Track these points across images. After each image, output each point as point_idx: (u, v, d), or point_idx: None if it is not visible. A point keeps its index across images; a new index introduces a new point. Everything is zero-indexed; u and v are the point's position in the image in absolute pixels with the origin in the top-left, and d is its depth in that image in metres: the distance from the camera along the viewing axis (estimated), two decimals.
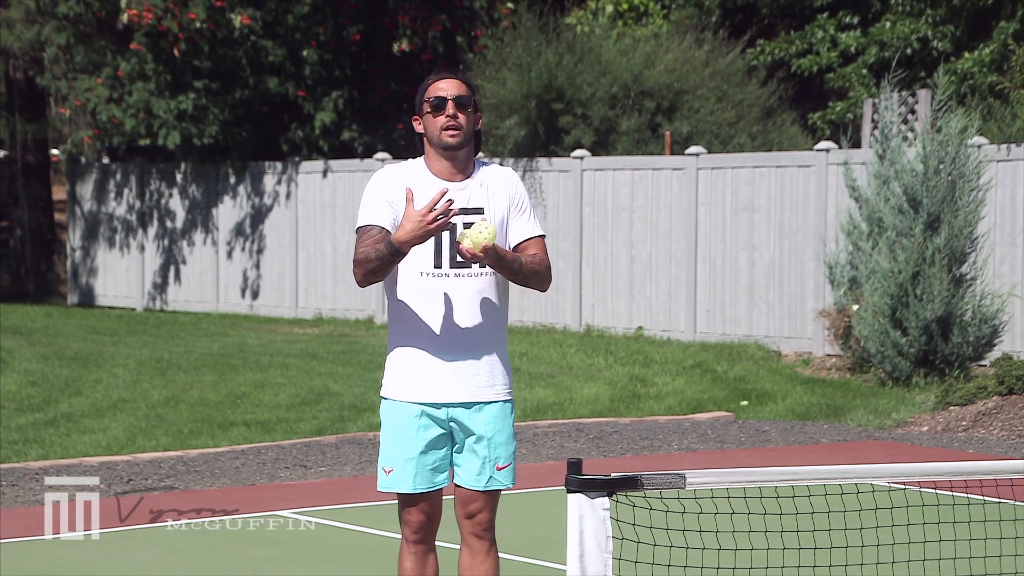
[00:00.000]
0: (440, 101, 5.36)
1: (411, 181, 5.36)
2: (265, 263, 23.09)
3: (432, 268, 5.35)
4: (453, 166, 5.40)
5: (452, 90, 5.38)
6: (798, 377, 15.79)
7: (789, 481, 4.72)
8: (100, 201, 25.20)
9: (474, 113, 5.41)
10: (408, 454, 5.37)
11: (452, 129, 5.35)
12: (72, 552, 8.22)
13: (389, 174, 5.43)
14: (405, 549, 5.45)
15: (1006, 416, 13.09)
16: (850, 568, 6.24)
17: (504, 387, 5.45)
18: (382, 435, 5.45)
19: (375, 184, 5.42)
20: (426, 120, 5.41)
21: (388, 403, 5.44)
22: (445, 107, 5.35)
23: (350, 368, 16.10)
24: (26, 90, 26.72)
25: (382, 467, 5.42)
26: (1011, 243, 15.90)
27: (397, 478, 5.39)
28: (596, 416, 13.61)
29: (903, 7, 23.86)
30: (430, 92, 5.40)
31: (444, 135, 5.35)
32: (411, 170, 5.43)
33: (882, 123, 15.56)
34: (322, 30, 23.19)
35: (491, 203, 5.42)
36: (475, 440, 5.40)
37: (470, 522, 5.44)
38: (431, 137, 5.40)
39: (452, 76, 5.43)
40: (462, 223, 5.33)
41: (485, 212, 5.39)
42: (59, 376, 15.18)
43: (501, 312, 5.44)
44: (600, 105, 20.85)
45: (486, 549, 5.45)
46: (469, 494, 5.42)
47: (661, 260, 18.62)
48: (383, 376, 5.50)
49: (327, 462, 11.17)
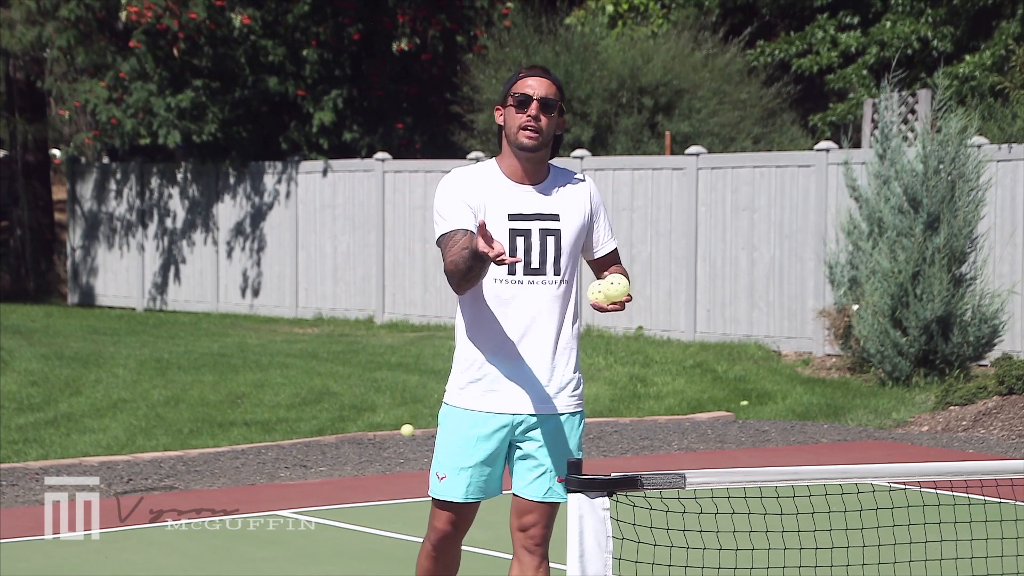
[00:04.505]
0: (525, 99, 5.16)
1: (483, 184, 5.19)
2: (265, 263, 23.08)
3: (505, 275, 5.16)
4: (527, 167, 5.21)
5: (540, 89, 5.17)
6: (798, 377, 15.79)
7: (789, 481, 4.71)
8: (100, 201, 25.20)
9: (558, 116, 5.23)
10: (463, 463, 5.22)
11: (531, 130, 5.15)
12: (72, 552, 8.22)
13: (461, 178, 5.20)
14: (425, 550, 5.38)
15: (1006, 416, 13.09)
16: (850, 568, 6.24)
17: (575, 398, 5.26)
18: (438, 441, 5.29)
19: (448, 189, 5.19)
20: (507, 113, 5.21)
21: (449, 409, 5.27)
22: (529, 106, 5.16)
23: (350, 368, 16.10)
24: (26, 90, 26.73)
25: (435, 473, 5.26)
26: (1011, 242, 15.89)
27: (449, 486, 5.24)
28: (596, 416, 13.61)
29: (903, 7, 23.86)
30: (517, 87, 5.19)
31: (521, 134, 5.16)
32: (483, 173, 5.22)
33: (882, 123, 15.56)
34: (322, 29, 23.19)
35: (566, 210, 5.24)
36: (538, 448, 5.21)
37: (523, 535, 5.24)
38: (509, 133, 5.20)
39: (544, 75, 5.21)
40: (538, 229, 5.18)
41: (561, 218, 5.22)
42: (59, 376, 15.18)
43: (574, 320, 5.25)
44: (598, 101, 20.86)
45: (536, 564, 5.24)
46: (525, 504, 5.22)
47: (661, 260, 18.62)
48: (447, 380, 5.33)
49: (327, 462, 11.17)
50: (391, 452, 11.61)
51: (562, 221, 5.22)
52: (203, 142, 23.11)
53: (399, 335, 19.84)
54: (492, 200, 5.16)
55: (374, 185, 21.62)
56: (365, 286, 21.79)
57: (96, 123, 24.36)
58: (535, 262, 5.17)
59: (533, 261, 5.17)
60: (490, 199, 5.17)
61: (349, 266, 22.00)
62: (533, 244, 5.18)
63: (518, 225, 5.18)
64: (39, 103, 27.31)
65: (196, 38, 22.78)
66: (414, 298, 21.16)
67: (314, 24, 23.22)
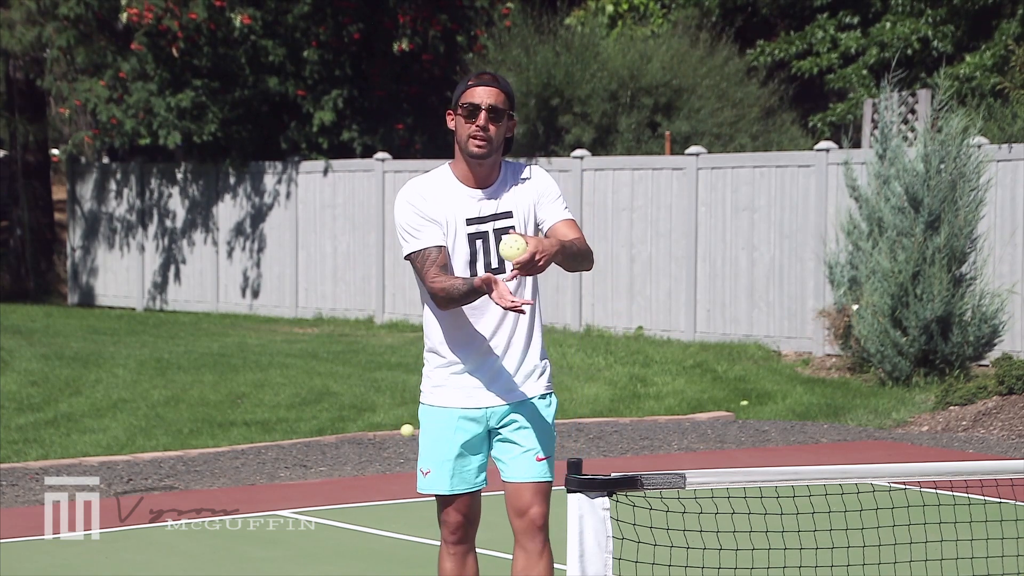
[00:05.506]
0: (473, 109, 5.27)
1: (440, 194, 5.30)
2: (265, 263, 23.09)
3: (468, 276, 5.27)
4: (479, 172, 5.34)
5: (488, 99, 5.26)
6: (798, 377, 15.79)
7: (789, 481, 4.72)
8: (100, 201, 25.20)
9: (508, 121, 5.32)
10: (445, 456, 5.36)
11: (479, 139, 5.26)
12: (72, 552, 8.22)
13: (418, 192, 5.33)
14: (444, 550, 5.44)
15: (1006, 416, 13.08)
16: (850, 568, 6.24)
17: (544, 380, 5.41)
18: (420, 439, 5.44)
19: (409, 207, 5.31)
20: (457, 121, 5.32)
21: (426, 408, 5.43)
22: (477, 116, 5.26)
23: (350, 368, 16.10)
24: (26, 90, 26.73)
25: (420, 469, 5.41)
26: (1011, 242, 15.89)
27: (434, 479, 5.38)
28: (596, 416, 13.61)
29: (903, 7, 23.85)
30: (465, 96, 5.29)
31: (470, 143, 5.27)
32: (438, 182, 5.35)
33: (882, 123, 15.56)
34: (322, 30, 23.19)
35: (518, 204, 5.37)
36: (514, 430, 5.36)
37: (521, 520, 5.37)
38: (459, 140, 5.32)
39: (491, 83, 5.30)
40: (493, 230, 5.31)
41: (514, 214, 5.34)
42: (59, 376, 15.18)
43: (535, 310, 5.40)
44: (598, 101, 20.86)
45: (539, 550, 5.36)
46: (514, 487, 5.36)
47: (661, 260, 18.62)
48: (422, 382, 5.47)
49: (327, 462, 11.17)
50: (391, 452, 11.61)
51: (515, 217, 5.37)
52: (203, 142, 23.11)
53: (399, 335, 19.84)
54: (451, 209, 5.30)
55: (374, 185, 21.62)
56: (365, 286, 21.79)
57: (96, 123, 24.36)
58: (494, 262, 5.33)
59: (492, 262, 5.32)
60: (449, 209, 5.30)
61: (349, 266, 22.01)
62: (491, 245, 5.33)
63: (475, 229, 5.33)
64: (39, 103, 27.31)
65: (196, 38, 22.78)
66: (414, 298, 21.15)
67: (314, 24, 23.22)
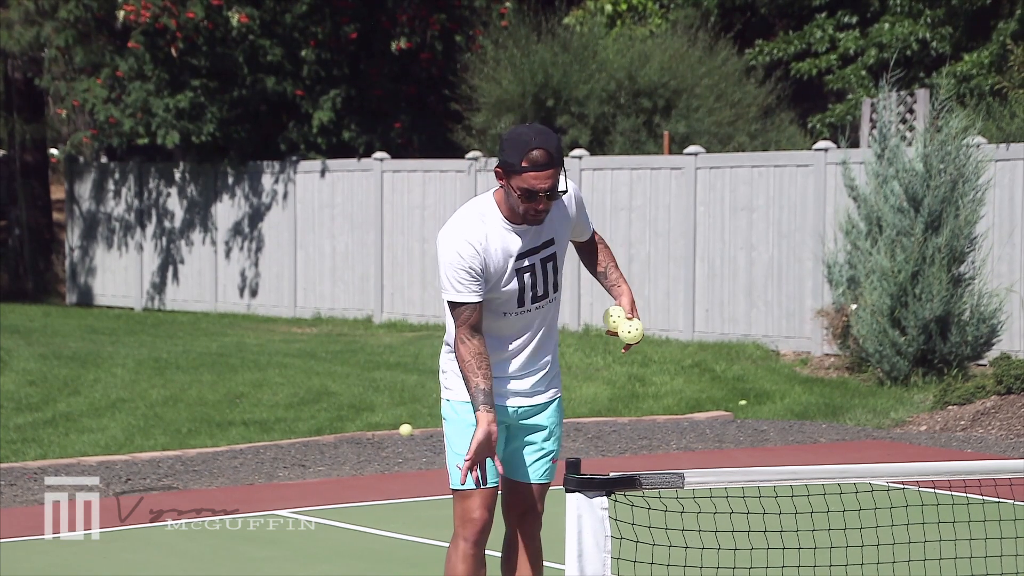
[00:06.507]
0: (532, 195, 5.18)
1: (487, 239, 5.25)
2: (263, 262, 23.08)
3: (516, 308, 5.36)
4: None
5: (547, 182, 5.17)
6: (796, 377, 15.79)
7: (787, 481, 4.72)
8: (98, 200, 25.19)
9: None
10: None
11: (538, 213, 5.26)
12: (72, 552, 8.22)
13: (466, 242, 5.25)
14: (462, 551, 5.37)
15: (1004, 415, 13.09)
16: (849, 568, 6.24)
17: (557, 382, 5.58)
18: (452, 435, 5.40)
19: (457, 258, 5.24)
20: (508, 188, 5.22)
21: (460, 404, 5.38)
22: (536, 200, 5.21)
23: (348, 368, 16.10)
24: (24, 90, 26.72)
25: (456, 465, 5.34)
26: (1009, 242, 15.90)
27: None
28: (594, 415, 13.61)
29: (901, 7, 23.86)
30: (524, 180, 5.16)
31: (527, 215, 5.25)
32: (485, 223, 5.28)
33: (880, 122, 15.56)
34: (320, 29, 23.19)
35: (559, 231, 5.41)
36: (535, 431, 5.49)
37: (525, 518, 5.49)
38: (513, 203, 5.25)
39: (548, 165, 5.15)
40: (540, 260, 5.34)
41: (556, 241, 5.38)
42: (57, 376, 15.18)
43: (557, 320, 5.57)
44: (596, 103, 20.85)
45: (536, 547, 5.53)
46: (525, 487, 5.49)
47: (659, 260, 18.63)
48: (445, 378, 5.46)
49: (325, 462, 11.17)
50: (390, 452, 11.61)
51: (556, 244, 5.42)
52: (201, 142, 23.10)
53: (397, 335, 19.84)
54: (501, 253, 5.28)
55: (372, 185, 21.62)
56: (363, 286, 21.79)
57: (94, 122, 24.35)
58: (540, 291, 5.40)
59: (539, 291, 5.39)
60: (500, 254, 5.28)
61: (347, 266, 22.00)
62: (537, 277, 5.38)
63: (523, 263, 5.35)
64: (37, 103, 27.31)
65: (194, 38, 22.77)
66: (412, 297, 21.16)
67: (312, 24, 23.21)
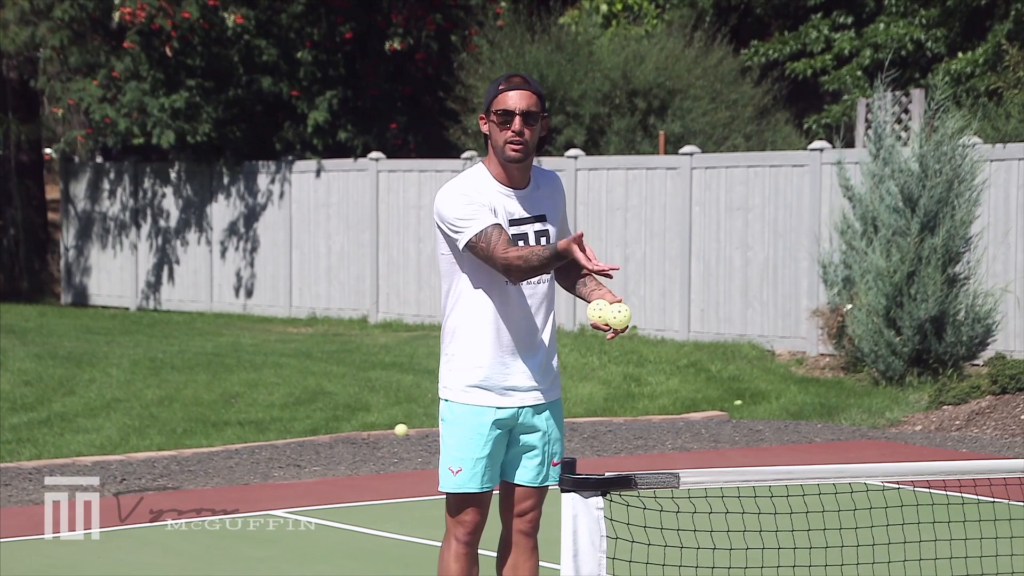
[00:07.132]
0: (507, 115, 5.30)
1: (483, 189, 5.33)
2: (259, 262, 23.08)
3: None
4: (516, 174, 5.38)
5: (522, 103, 5.29)
6: (792, 376, 15.80)
7: (783, 480, 4.73)
8: (94, 200, 25.18)
9: (541, 122, 5.36)
10: (478, 454, 5.36)
11: (516, 144, 5.31)
12: (72, 552, 8.22)
13: (464, 185, 5.33)
14: (455, 551, 5.41)
15: (999, 415, 13.10)
16: (844, 568, 6.25)
17: (557, 383, 5.52)
18: (447, 436, 5.41)
19: (458, 196, 5.30)
20: (491, 127, 5.35)
21: (457, 405, 5.39)
22: (512, 122, 5.29)
23: (344, 367, 16.10)
24: (20, 90, 26.71)
25: (448, 468, 5.38)
26: (1004, 242, 15.91)
27: (466, 477, 5.36)
28: (590, 415, 13.61)
29: (896, 8, 23.87)
30: (499, 102, 5.31)
31: (508, 148, 5.31)
32: (477, 180, 5.37)
33: (876, 123, 15.57)
34: (315, 30, 23.18)
35: (550, 211, 5.47)
36: (538, 437, 5.44)
37: (522, 520, 5.46)
38: (495, 145, 5.35)
39: (523, 86, 5.33)
40: (533, 232, 5.38)
41: (547, 219, 5.44)
42: (53, 375, 15.17)
43: (553, 311, 5.52)
44: (591, 103, 20.85)
45: (531, 547, 5.48)
46: (526, 491, 5.45)
47: (655, 259, 18.63)
48: (445, 376, 5.45)
49: (321, 462, 11.17)
50: (385, 452, 11.61)
51: (548, 221, 5.46)
52: (197, 142, 23.09)
53: (393, 335, 19.84)
54: (496, 206, 5.34)
55: (368, 185, 21.62)
56: (359, 286, 21.79)
57: (89, 122, 24.34)
58: None
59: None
60: (492, 205, 5.33)
61: (343, 266, 22.00)
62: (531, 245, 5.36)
63: (517, 230, 5.37)
64: (32, 103, 27.30)
65: (189, 38, 22.77)
66: (408, 298, 21.16)
67: (308, 24, 23.21)
